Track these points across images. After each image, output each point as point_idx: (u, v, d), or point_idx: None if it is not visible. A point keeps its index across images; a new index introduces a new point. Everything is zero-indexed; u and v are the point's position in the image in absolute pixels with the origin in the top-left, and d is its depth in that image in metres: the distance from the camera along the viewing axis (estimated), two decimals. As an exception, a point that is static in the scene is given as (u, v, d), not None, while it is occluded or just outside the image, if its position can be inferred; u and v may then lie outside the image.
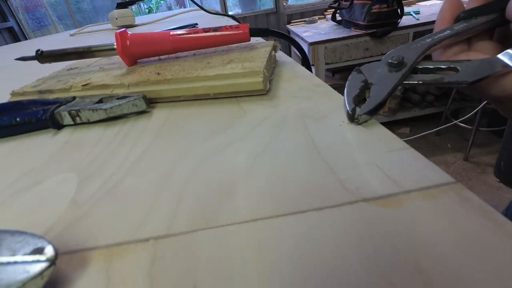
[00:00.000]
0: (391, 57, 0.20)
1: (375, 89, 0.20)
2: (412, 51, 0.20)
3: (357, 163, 0.16)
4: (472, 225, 0.11)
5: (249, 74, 0.26)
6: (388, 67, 0.20)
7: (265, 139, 0.20)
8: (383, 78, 0.20)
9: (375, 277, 0.10)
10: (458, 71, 0.18)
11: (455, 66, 0.18)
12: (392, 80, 0.19)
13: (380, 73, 0.20)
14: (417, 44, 0.21)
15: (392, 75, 0.19)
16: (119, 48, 0.33)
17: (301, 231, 0.13)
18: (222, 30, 0.33)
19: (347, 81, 0.21)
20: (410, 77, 0.20)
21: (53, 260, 0.11)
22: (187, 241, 0.13)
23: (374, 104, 0.19)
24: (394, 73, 0.20)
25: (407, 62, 0.20)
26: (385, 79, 0.20)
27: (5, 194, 0.18)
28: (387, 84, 0.19)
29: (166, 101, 0.28)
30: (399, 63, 0.19)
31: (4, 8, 2.34)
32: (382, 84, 0.20)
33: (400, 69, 0.19)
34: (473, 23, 0.21)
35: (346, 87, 0.21)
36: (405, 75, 0.19)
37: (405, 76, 0.19)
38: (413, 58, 0.20)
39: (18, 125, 0.26)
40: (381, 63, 0.21)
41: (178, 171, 0.18)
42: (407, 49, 0.21)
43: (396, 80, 0.19)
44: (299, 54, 0.37)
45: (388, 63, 0.20)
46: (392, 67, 0.20)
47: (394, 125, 1.97)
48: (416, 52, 0.20)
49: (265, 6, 2.35)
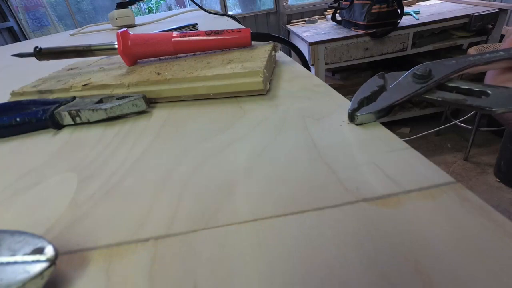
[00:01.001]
0: (418, 68, 0.19)
1: (386, 94, 0.19)
2: (447, 66, 0.19)
3: (357, 163, 0.16)
4: (472, 225, 0.11)
5: (249, 74, 0.26)
6: (412, 77, 0.19)
7: (265, 139, 0.20)
8: (401, 86, 0.19)
9: (375, 277, 0.10)
10: (488, 95, 0.17)
11: (486, 91, 0.17)
12: (409, 90, 0.19)
13: (401, 81, 0.20)
14: (457, 61, 0.20)
15: (411, 85, 0.19)
16: (120, 47, 0.33)
17: (301, 231, 0.13)
18: (224, 34, 0.33)
19: (365, 82, 0.21)
20: (433, 92, 0.19)
21: (53, 260, 0.11)
22: (187, 241, 0.13)
23: (376, 108, 0.19)
24: (415, 84, 0.19)
25: (435, 75, 0.19)
26: (402, 88, 0.19)
27: (5, 194, 0.18)
28: (400, 92, 0.19)
29: (166, 101, 0.28)
30: (425, 75, 0.19)
31: (4, 8, 2.34)
32: (395, 91, 0.19)
33: (424, 81, 0.19)
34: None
35: (360, 88, 0.20)
36: (426, 88, 0.18)
37: (426, 89, 0.18)
38: (443, 73, 0.19)
39: (18, 125, 0.26)
40: (407, 73, 0.20)
41: (178, 171, 0.18)
42: (442, 63, 0.20)
43: (413, 90, 0.18)
44: (299, 59, 0.37)
45: (413, 73, 0.19)
46: (416, 78, 0.19)
47: (394, 125, 1.96)
48: (450, 69, 0.19)
49: (265, 6, 2.34)
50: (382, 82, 0.21)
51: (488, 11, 1.61)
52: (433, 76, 0.19)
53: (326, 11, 2.19)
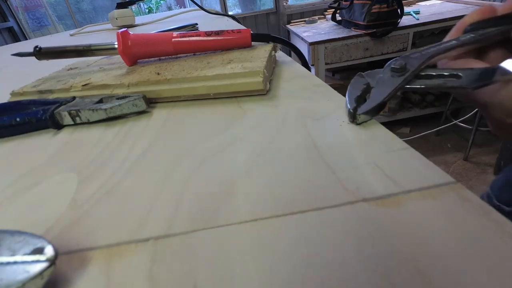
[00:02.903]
0: (394, 62, 0.20)
1: (375, 91, 0.20)
2: (416, 59, 0.21)
3: (357, 163, 0.16)
4: (472, 225, 0.11)
5: (249, 74, 0.26)
6: (390, 72, 0.20)
7: (265, 139, 0.20)
8: (385, 82, 0.20)
9: (375, 277, 0.10)
10: (460, 77, 0.19)
11: (458, 73, 0.19)
12: (394, 83, 0.20)
13: (382, 77, 0.21)
14: (421, 53, 0.21)
15: (394, 79, 0.20)
16: (120, 47, 0.33)
17: (301, 231, 0.13)
18: (224, 35, 0.33)
19: (349, 84, 0.22)
20: (413, 81, 0.20)
21: (53, 260, 0.11)
22: (187, 241, 0.13)
23: (373, 105, 0.19)
24: (396, 77, 0.20)
25: (410, 68, 0.20)
26: (387, 83, 0.20)
27: (5, 194, 0.18)
28: (388, 87, 0.20)
29: (166, 101, 0.28)
30: (402, 68, 0.20)
31: (4, 8, 2.34)
32: (383, 86, 0.20)
33: (402, 74, 0.20)
34: (481, 34, 0.21)
35: (348, 89, 0.21)
36: (407, 79, 0.20)
37: (407, 80, 0.20)
38: (416, 64, 0.20)
39: (18, 125, 0.26)
40: (384, 69, 0.21)
41: (178, 171, 0.18)
42: (410, 56, 0.21)
43: (398, 83, 0.20)
44: (299, 59, 0.37)
45: (391, 68, 0.20)
46: (395, 72, 0.20)
47: (394, 125, 1.96)
48: (419, 60, 0.20)
49: (265, 6, 2.34)
50: (365, 81, 0.22)
51: (488, 11, 1.61)
52: (408, 68, 0.20)
53: (326, 11, 2.19)
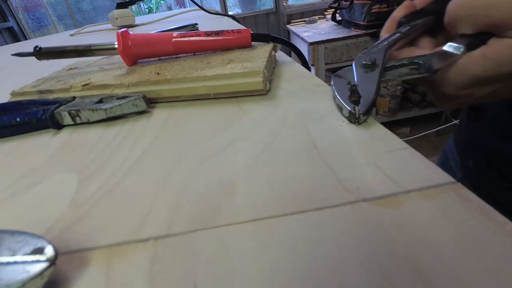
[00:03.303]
0: (364, 59, 0.21)
1: (363, 89, 0.20)
2: (377, 53, 0.22)
3: (357, 163, 0.16)
4: (472, 225, 0.11)
5: (249, 74, 0.26)
6: (363, 68, 0.21)
7: (265, 139, 0.20)
8: (364, 79, 0.21)
9: (375, 277, 0.10)
10: (420, 64, 0.20)
11: (417, 61, 0.21)
12: (374, 79, 0.21)
13: (359, 74, 0.21)
14: (378, 47, 0.22)
15: (371, 75, 0.21)
16: (120, 47, 0.33)
17: (301, 231, 0.13)
18: (224, 35, 0.33)
19: (332, 86, 0.22)
20: (385, 74, 0.21)
21: (53, 260, 0.11)
22: (187, 241, 0.13)
23: (369, 102, 0.19)
24: (370, 73, 0.21)
25: (378, 62, 0.21)
26: (367, 79, 0.21)
27: (5, 194, 0.18)
28: (371, 83, 0.20)
29: (166, 101, 0.28)
30: (373, 63, 0.21)
31: (4, 8, 2.34)
32: (367, 83, 0.21)
33: (374, 69, 0.21)
34: (414, 25, 0.24)
35: (334, 91, 0.22)
36: (381, 73, 0.21)
37: (382, 74, 0.21)
38: (381, 58, 0.21)
39: (18, 125, 0.26)
40: (355, 66, 0.22)
41: (178, 171, 0.18)
42: (371, 52, 0.22)
43: (377, 78, 0.21)
44: (299, 59, 0.37)
45: (362, 65, 0.21)
46: (367, 68, 0.21)
47: (394, 125, 1.97)
48: (381, 53, 0.22)
49: (265, 6, 2.34)
50: (345, 80, 0.22)
51: (488, 11, 1.61)
52: (378, 63, 0.21)
53: (326, 11, 2.19)
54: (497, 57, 0.18)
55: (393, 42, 0.23)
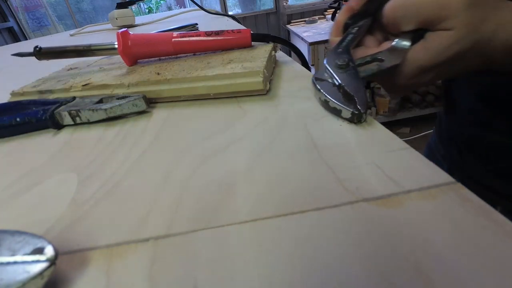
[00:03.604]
0: (338, 60, 0.22)
1: (352, 89, 0.20)
2: (344, 53, 0.23)
3: (357, 163, 0.16)
4: (472, 225, 0.11)
5: (249, 74, 0.26)
6: (339, 69, 0.22)
7: (265, 139, 0.20)
8: (346, 78, 0.21)
9: (375, 277, 0.10)
10: (383, 60, 0.22)
11: (379, 58, 0.23)
12: (355, 78, 0.21)
13: (339, 75, 0.22)
14: (340, 49, 0.24)
15: (349, 74, 0.21)
16: (120, 47, 0.33)
17: (301, 231, 0.13)
18: (224, 35, 0.33)
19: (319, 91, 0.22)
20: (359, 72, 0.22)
21: (53, 260, 0.11)
22: (187, 241, 0.13)
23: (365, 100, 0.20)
24: (347, 72, 0.22)
25: (350, 62, 0.22)
26: (348, 79, 0.21)
27: (5, 194, 0.18)
28: (356, 81, 0.21)
29: (166, 101, 0.28)
30: (346, 64, 0.22)
31: (4, 8, 2.34)
32: (352, 82, 0.21)
33: (349, 68, 0.22)
34: (360, 27, 0.26)
35: (325, 95, 0.21)
36: (357, 71, 0.22)
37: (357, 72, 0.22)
38: (350, 58, 0.22)
39: (18, 125, 0.26)
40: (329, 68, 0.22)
41: (178, 171, 0.18)
42: (337, 52, 0.23)
43: (357, 76, 0.21)
44: (299, 59, 0.37)
45: (338, 65, 0.22)
46: (342, 68, 0.22)
47: (394, 125, 1.97)
48: (347, 54, 0.23)
49: (265, 6, 2.34)
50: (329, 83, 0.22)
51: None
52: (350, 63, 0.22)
53: (326, 11, 2.19)
54: (435, 47, 0.21)
55: (351, 42, 0.24)
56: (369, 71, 0.22)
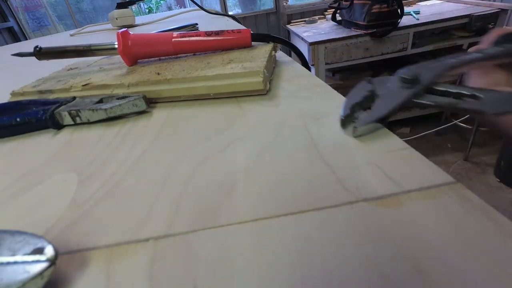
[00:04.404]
0: (405, 72, 0.18)
1: (379, 103, 0.18)
2: (431, 69, 0.19)
3: (357, 163, 0.16)
4: (472, 225, 0.11)
5: (249, 74, 0.26)
6: (400, 82, 0.19)
7: (265, 139, 0.20)
8: (392, 93, 0.18)
9: (375, 277, 0.10)
10: (480, 99, 0.17)
11: (479, 94, 0.17)
12: (400, 96, 0.18)
13: (390, 87, 0.19)
14: (439, 63, 0.19)
15: (401, 91, 0.18)
16: (120, 47, 0.33)
17: (301, 231, 0.13)
18: (224, 35, 0.33)
19: (354, 88, 0.20)
20: (423, 96, 0.18)
21: (53, 260, 0.11)
22: (187, 241, 0.13)
23: (375, 118, 0.18)
24: (405, 89, 0.18)
25: (422, 80, 0.18)
26: (393, 94, 0.18)
27: (5, 194, 0.18)
28: (393, 100, 0.18)
29: (166, 101, 0.28)
30: (413, 80, 0.18)
31: (4, 8, 2.34)
32: (388, 98, 0.18)
33: (412, 86, 0.18)
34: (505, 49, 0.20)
35: (349, 93, 0.20)
36: (416, 93, 0.18)
37: (417, 94, 0.18)
38: (429, 77, 0.18)
39: (18, 125, 0.26)
40: (394, 77, 0.19)
41: (178, 171, 0.18)
42: (425, 66, 0.19)
43: (405, 97, 0.18)
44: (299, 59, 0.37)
45: (400, 78, 0.18)
46: (405, 83, 0.18)
47: (394, 125, 1.96)
48: (435, 71, 0.18)
49: (265, 6, 2.34)
50: (371, 87, 0.20)
51: (488, 11, 1.61)
52: (421, 80, 0.18)
53: (326, 11, 2.19)
54: None
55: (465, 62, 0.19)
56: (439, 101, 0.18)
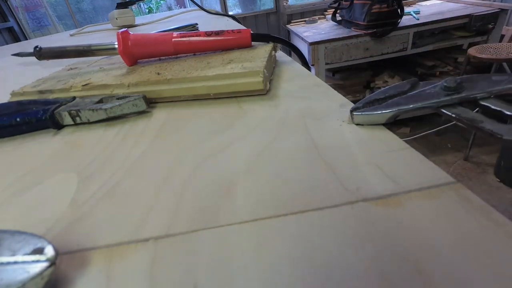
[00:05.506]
0: (450, 81, 0.18)
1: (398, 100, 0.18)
2: (491, 83, 0.17)
3: (357, 163, 0.16)
4: (472, 225, 0.11)
5: (249, 74, 0.26)
6: (440, 89, 0.18)
7: (265, 139, 0.20)
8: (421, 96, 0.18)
9: (375, 277, 0.10)
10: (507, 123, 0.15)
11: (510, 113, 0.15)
12: (424, 100, 0.17)
13: (426, 90, 0.18)
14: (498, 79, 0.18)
15: (432, 95, 0.17)
16: (120, 47, 0.33)
17: (301, 231, 0.13)
18: (224, 35, 0.33)
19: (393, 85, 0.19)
20: (453, 107, 0.17)
21: (53, 260, 0.11)
22: (187, 241, 0.13)
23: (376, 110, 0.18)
24: (438, 95, 0.17)
25: (466, 90, 0.17)
26: (421, 97, 0.17)
27: (5, 194, 0.18)
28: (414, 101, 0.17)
29: (166, 101, 0.28)
30: (454, 88, 0.17)
31: (4, 8, 2.34)
32: (411, 99, 0.18)
33: (449, 93, 0.17)
34: None
35: (381, 89, 0.19)
36: (449, 101, 0.17)
37: (449, 102, 0.17)
38: (479, 89, 0.17)
39: (18, 125, 0.26)
40: (440, 83, 0.18)
41: (178, 171, 0.18)
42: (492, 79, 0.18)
43: (429, 101, 0.17)
44: (299, 59, 0.37)
45: (443, 85, 0.18)
46: (444, 90, 0.17)
47: (394, 125, 1.96)
48: (491, 86, 0.17)
49: (265, 6, 2.34)
50: (407, 88, 0.19)
51: (488, 11, 1.62)
52: (462, 91, 0.17)
53: (326, 11, 2.19)
54: None
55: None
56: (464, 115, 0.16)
